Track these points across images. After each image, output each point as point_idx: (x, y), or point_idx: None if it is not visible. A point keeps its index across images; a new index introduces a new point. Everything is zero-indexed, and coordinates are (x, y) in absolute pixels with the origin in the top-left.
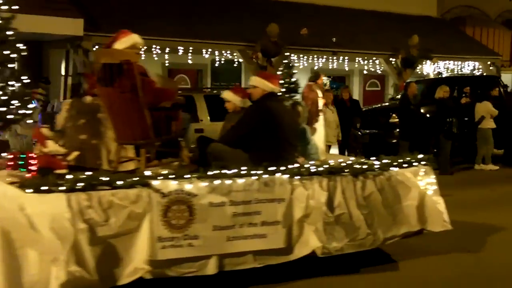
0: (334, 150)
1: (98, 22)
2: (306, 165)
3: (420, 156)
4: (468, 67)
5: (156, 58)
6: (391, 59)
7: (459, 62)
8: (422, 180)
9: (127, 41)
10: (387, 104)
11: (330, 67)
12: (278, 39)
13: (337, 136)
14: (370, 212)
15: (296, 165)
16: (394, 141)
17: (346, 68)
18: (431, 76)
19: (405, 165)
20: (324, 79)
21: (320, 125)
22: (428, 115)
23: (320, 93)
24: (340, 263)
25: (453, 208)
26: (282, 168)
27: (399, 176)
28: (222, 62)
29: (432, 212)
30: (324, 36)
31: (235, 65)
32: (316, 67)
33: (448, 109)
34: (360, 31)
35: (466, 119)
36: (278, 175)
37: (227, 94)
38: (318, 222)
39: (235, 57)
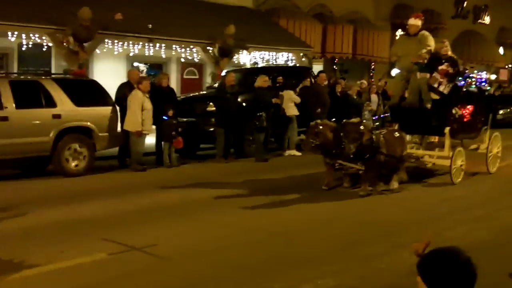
0: (151, 139)
1: None
2: None
3: None
4: (283, 57)
5: None
6: (208, 47)
7: (274, 53)
8: None
9: None
10: (204, 92)
11: (147, 54)
12: (90, 24)
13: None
14: None
15: None
16: (211, 129)
17: (163, 56)
18: (248, 65)
19: None
20: (141, 66)
21: None
22: (244, 104)
23: None
24: None
25: None
26: None
27: None
28: (30, 46)
29: None
30: (140, 22)
31: (44, 49)
32: (131, 54)
33: (266, 98)
34: (177, 18)
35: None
36: None
37: None
38: None
39: (44, 41)
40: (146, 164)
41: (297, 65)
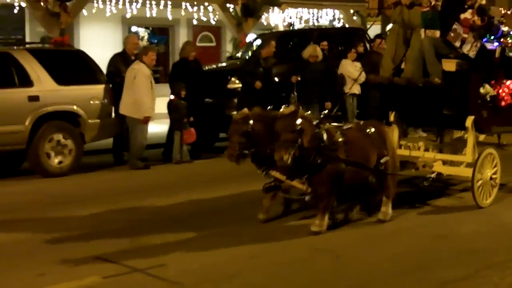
0: (162, 126)
1: None
2: None
3: None
4: (327, 16)
5: None
6: (228, 5)
7: (315, 10)
8: None
9: None
10: (224, 64)
11: (148, 15)
12: None
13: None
14: None
15: None
16: (233, 112)
17: (169, 17)
18: (281, 28)
19: None
20: (141, 32)
21: None
22: (277, 79)
23: None
24: None
25: None
26: None
27: None
28: None
29: None
30: None
31: (15, 11)
32: (128, 15)
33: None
34: None
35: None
36: None
37: None
38: None
39: (16, 0)
40: (150, 160)
41: (346, 26)
